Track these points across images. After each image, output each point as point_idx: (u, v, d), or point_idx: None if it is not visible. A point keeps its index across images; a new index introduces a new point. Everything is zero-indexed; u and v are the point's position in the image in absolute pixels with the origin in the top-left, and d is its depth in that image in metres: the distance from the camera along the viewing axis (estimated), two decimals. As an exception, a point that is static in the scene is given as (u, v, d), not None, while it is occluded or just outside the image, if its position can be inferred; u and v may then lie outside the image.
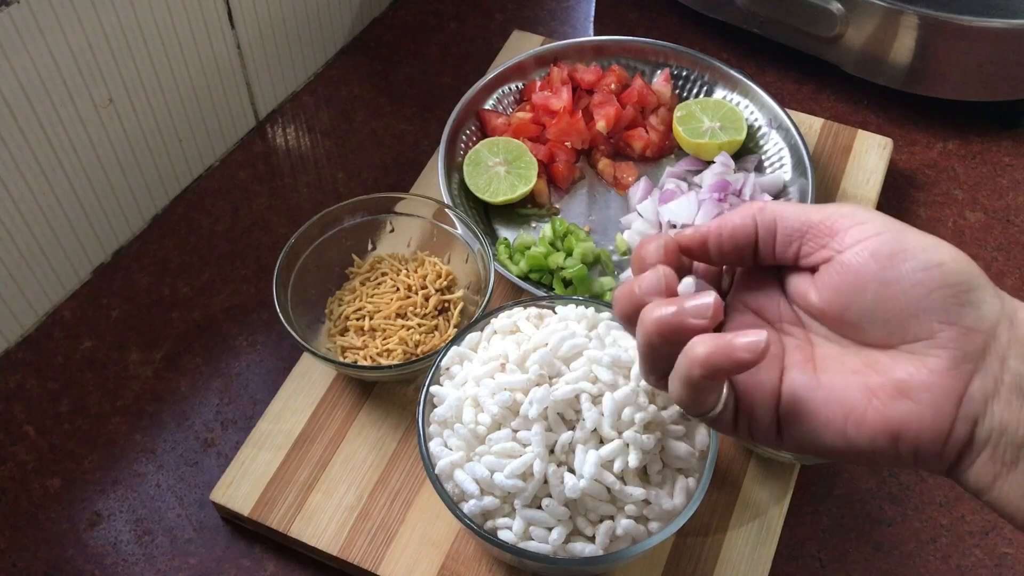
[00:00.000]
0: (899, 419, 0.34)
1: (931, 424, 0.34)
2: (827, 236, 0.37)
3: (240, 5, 0.74)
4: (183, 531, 0.60)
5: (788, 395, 0.37)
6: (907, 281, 0.35)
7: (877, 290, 0.35)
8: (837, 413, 0.35)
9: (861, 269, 0.36)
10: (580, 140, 0.77)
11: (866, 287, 0.36)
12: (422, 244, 0.69)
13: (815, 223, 0.37)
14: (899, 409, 0.35)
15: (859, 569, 0.60)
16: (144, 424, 0.65)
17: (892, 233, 0.36)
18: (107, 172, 0.69)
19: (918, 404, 0.34)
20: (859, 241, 0.36)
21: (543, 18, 0.94)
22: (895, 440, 0.35)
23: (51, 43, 0.60)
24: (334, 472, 0.61)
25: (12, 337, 0.68)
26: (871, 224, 0.36)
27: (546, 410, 0.50)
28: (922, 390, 0.34)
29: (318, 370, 0.65)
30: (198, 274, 0.73)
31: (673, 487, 0.51)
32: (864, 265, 0.36)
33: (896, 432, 0.34)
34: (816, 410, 0.36)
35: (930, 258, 0.35)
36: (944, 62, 0.78)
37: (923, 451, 0.35)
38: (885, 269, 0.35)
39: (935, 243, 0.36)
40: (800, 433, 0.36)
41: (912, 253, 0.35)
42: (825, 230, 0.37)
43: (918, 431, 0.34)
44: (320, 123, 0.84)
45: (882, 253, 0.36)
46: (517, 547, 0.50)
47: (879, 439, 0.35)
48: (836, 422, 0.35)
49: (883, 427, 0.35)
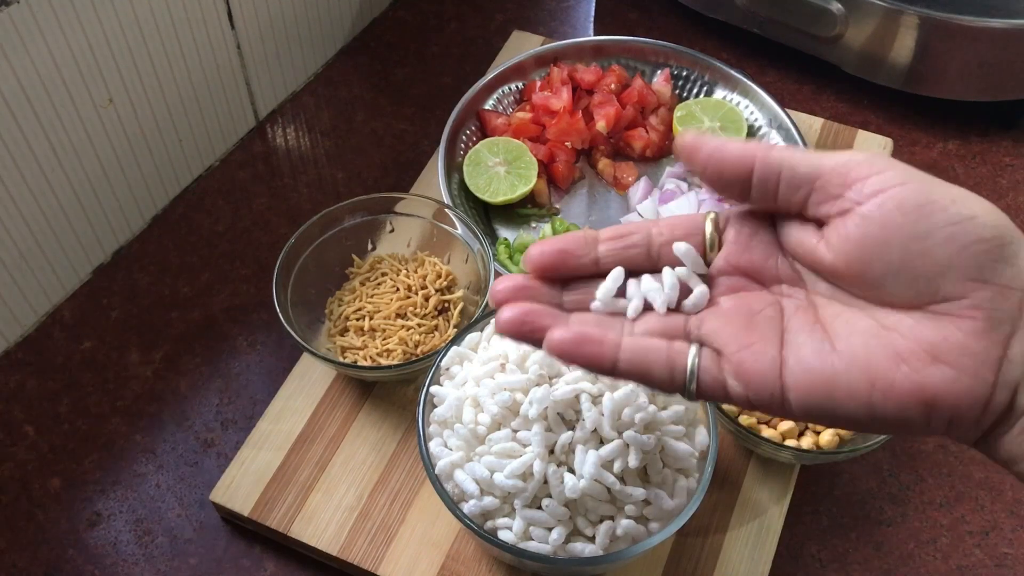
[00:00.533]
0: (934, 386, 0.32)
1: (970, 391, 0.32)
2: (841, 186, 0.34)
3: (240, 5, 0.74)
4: (183, 531, 0.60)
5: (796, 363, 0.34)
6: (937, 236, 0.32)
7: (904, 246, 0.32)
8: (861, 381, 0.33)
9: (886, 222, 0.33)
10: (580, 140, 0.77)
11: (891, 242, 0.33)
12: (422, 244, 0.69)
13: (828, 170, 0.34)
14: (933, 375, 0.32)
15: (859, 569, 0.60)
16: (144, 424, 0.65)
17: (918, 183, 0.33)
18: (107, 172, 0.69)
19: (955, 369, 0.32)
20: (880, 191, 0.33)
21: (543, 18, 0.94)
22: (928, 409, 0.32)
23: (51, 43, 0.60)
24: (334, 472, 0.61)
25: (12, 337, 0.68)
26: (892, 173, 0.33)
27: (546, 410, 0.50)
28: (959, 354, 0.32)
29: (318, 370, 0.65)
30: (198, 274, 0.73)
31: (673, 487, 0.51)
32: (889, 218, 0.32)
33: (930, 400, 0.32)
34: (835, 378, 0.33)
35: (960, 211, 0.32)
36: (944, 62, 0.78)
37: (959, 420, 0.32)
38: (913, 222, 0.32)
39: (964, 194, 0.33)
40: (813, 402, 0.33)
41: (941, 205, 0.32)
42: (839, 179, 0.34)
43: (956, 399, 0.32)
44: (320, 123, 0.84)
45: (908, 205, 0.32)
46: (517, 547, 0.50)
47: (910, 408, 0.32)
48: (860, 391, 0.33)
49: (915, 395, 0.32)
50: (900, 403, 0.32)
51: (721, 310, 0.36)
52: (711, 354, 0.36)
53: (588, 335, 0.35)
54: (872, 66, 0.81)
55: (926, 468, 0.64)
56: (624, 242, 0.38)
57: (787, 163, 0.35)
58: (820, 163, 0.34)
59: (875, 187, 0.33)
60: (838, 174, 0.34)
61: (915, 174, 0.33)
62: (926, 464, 0.64)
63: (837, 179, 0.34)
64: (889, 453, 0.64)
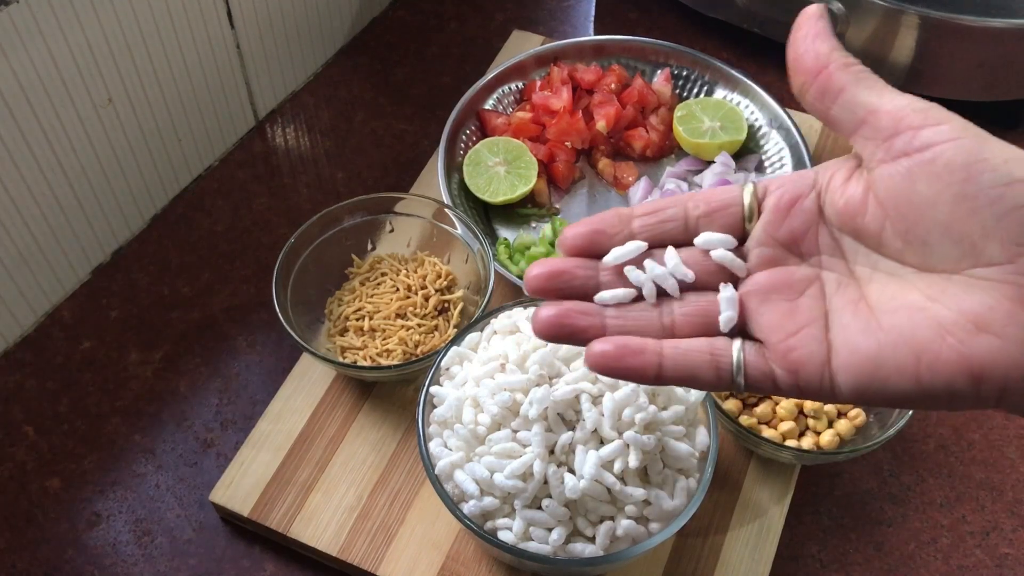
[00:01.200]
0: (981, 357, 0.31)
1: (1017, 361, 0.31)
2: (893, 130, 0.33)
3: (240, 5, 0.74)
4: (183, 532, 0.60)
5: (843, 345, 0.33)
6: (984, 198, 0.31)
7: (951, 205, 0.31)
8: (908, 357, 0.32)
9: (934, 179, 0.32)
10: (580, 140, 0.77)
11: (938, 201, 0.32)
12: (422, 244, 0.69)
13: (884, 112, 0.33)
14: (980, 346, 0.31)
15: (859, 569, 0.60)
16: (143, 424, 0.65)
17: (970, 139, 0.32)
18: (106, 172, 0.69)
19: (1003, 339, 0.31)
20: (931, 145, 0.32)
21: (543, 18, 0.94)
22: (977, 381, 0.31)
23: (50, 43, 0.60)
24: (334, 472, 0.61)
25: (11, 337, 0.68)
26: (948, 127, 0.32)
27: (546, 410, 0.50)
28: (1004, 323, 0.31)
29: (318, 370, 0.65)
30: (198, 274, 0.73)
31: (673, 487, 0.51)
32: (938, 175, 0.32)
33: (978, 372, 0.31)
34: (881, 356, 0.32)
35: (1012, 171, 0.31)
36: (944, 62, 0.78)
37: (1010, 390, 0.31)
38: (961, 181, 0.31)
39: (1018, 155, 0.31)
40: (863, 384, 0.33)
41: (992, 164, 0.31)
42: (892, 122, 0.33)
43: (1006, 369, 0.31)
44: (320, 123, 0.84)
45: (958, 162, 0.31)
46: (517, 548, 0.50)
47: (958, 381, 0.31)
48: (908, 367, 0.32)
49: (963, 367, 0.31)
50: (948, 377, 0.31)
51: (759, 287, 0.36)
52: (755, 346, 0.35)
53: (629, 347, 0.35)
54: (872, 66, 0.80)
55: (926, 468, 0.64)
56: (659, 216, 0.37)
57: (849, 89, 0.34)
58: (880, 101, 0.34)
59: (926, 140, 0.32)
60: (892, 117, 0.33)
61: (970, 130, 0.32)
62: (926, 464, 0.64)
63: (890, 122, 0.33)
64: (889, 453, 0.64)
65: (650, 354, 0.35)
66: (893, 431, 0.57)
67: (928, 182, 0.32)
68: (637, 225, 0.37)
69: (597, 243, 0.37)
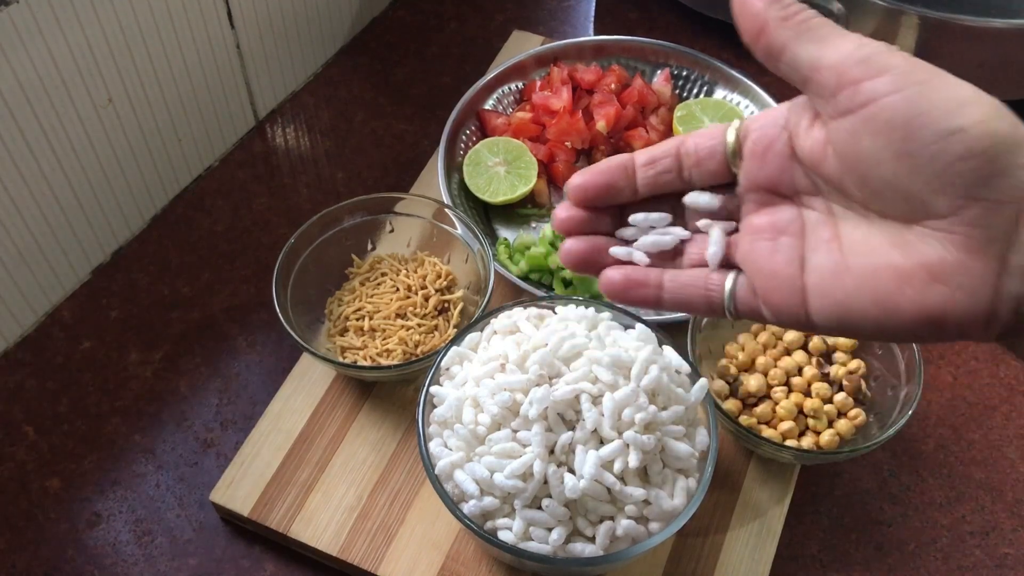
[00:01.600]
0: (936, 306, 0.32)
1: (970, 308, 0.32)
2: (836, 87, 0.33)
3: (240, 5, 0.74)
4: (182, 531, 0.60)
5: (815, 286, 0.35)
6: (924, 153, 0.31)
7: (894, 163, 0.32)
8: (870, 302, 0.33)
9: (875, 136, 0.32)
10: (580, 140, 0.77)
11: (882, 158, 0.32)
12: (422, 244, 0.69)
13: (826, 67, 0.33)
14: (934, 296, 0.32)
15: (859, 569, 0.60)
16: (143, 424, 0.65)
17: (913, 90, 0.31)
18: (106, 172, 0.69)
19: (952, 288, 0.32)
20: (871, 100, 0.32)
21: (543, 18, 0.94)
22: (936, 326, 0.33)
23: (51, 43, 0.60)
24: (334, 472, 0.61)
25: (12, 337, 0.68)
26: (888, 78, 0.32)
27: (546, 410, 0.50)
28: (954, 273, 0.32)
29: (318, 370, 0.65)
30: (198, 274, 0.73)
31: (673, 487, 0.51)
32: (879, 132, 0.32)
33: (936, 319, 0.32)
34: (848, 301, 0.34)
35: (949, 124, 0.31)
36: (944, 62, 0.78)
37: (967, 332, 0.33)
38: (902, 139, 0.31)
39: (959, 102, 0.31)
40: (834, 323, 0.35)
41: (931, 118, 0.31)
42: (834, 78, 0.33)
43: (959, 316, 0.32)
44: (320, 123, 0.84)
45: (898, 118, 0.31)
46: (517, 548, 0.50)
47: (919, 326, 0.33)
48: (872, 314, 0.33)
49: (921, 316, 0.32)
50: (909, 323, 0.33)
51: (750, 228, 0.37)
52: (747, 281, 0.37)
53: (633, 278, 0.39)
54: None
55: (926, 468, 0.64)
56: (657, 168, 0.39)
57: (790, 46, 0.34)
58: (821, 55, 0.33)
59: (867, 95, 0.32)
60: (835, 72, 0.33)
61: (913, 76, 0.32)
62: (926, 464, 0.64)
63: (832, 77, 0.33)
64: (889, 453, 0.64)
65: (652, 287, 0.39)
66: (893, 431, 0.57)
67: (871, 139, 0.32)
68: (640, 178, 0.39)
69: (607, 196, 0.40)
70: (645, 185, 0.39)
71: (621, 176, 0.39)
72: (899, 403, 0.59)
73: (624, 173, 0.39)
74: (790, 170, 0.36)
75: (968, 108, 0.31)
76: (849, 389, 0.61)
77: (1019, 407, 0.67)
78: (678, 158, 0.39)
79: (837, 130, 0.33)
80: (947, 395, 0.67)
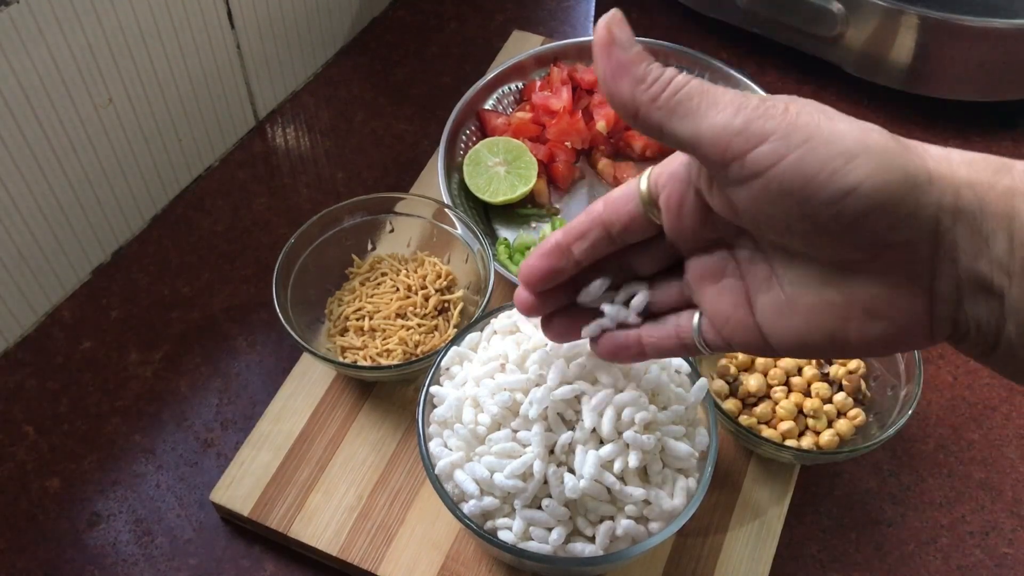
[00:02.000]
0: (879, 338, 0.34)
1: (911, 334, 0.34)
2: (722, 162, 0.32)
3: (240, 5, 0.74)
4: (183, 531, 0.60)
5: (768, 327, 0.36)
6: (824, 216, 0.31)
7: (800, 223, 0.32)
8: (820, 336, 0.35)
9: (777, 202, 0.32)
10: (580, 140, 0.77)
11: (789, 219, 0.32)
12: (422, 244, 0.69)
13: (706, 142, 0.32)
14: (875, 330, 0.34)
15: (859, 569, 0.60)
16: (144, 424, 0.65)
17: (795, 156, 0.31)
18: (106, 172, 0.69)
19: (889, 321, 0.34)
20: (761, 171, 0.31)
21: (543, 18, 0.94)
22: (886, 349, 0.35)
23: (51, 43, 0.60)
24: (334, 472, 0.61)
25: (12, 337, 0.68)
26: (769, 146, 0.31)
27: (546, 410, 0.50)
28: (889, 309, 0.33)
29: (318, 370, 0.65)
30: (198, 274, 0.73)
31: (673, 487, 0.51)
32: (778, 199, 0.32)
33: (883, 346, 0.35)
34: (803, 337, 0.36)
35: (841, 186, 0.30)
36: (944, 62, 0.78)
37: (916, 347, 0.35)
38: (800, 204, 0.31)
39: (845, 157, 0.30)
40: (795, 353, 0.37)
41: (821, 182, 0.31)
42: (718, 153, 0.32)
43: (904, 342, 0.34)
44: (320, 123, 0.84)
45: (792, 187, 0.31)
46: (517, 547, 0.49)
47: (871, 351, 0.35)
48: (824, 343, 0.35)
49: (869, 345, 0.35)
50: (859, 350, 0.35)
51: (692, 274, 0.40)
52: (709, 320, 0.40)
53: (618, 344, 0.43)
54: (872, 66, 0.81)
55: (926, 468, 0.64)
56: (588, 240, 0.41)
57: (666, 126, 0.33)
58: (698, 130, 0.32)
59: (755, 167, 0.31)
60: (716, 147, 0.32)
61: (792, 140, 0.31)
62: (926, 464, 0.64)
63: (715, 152, 0.32)
64: (889, 453, 0.64)
65: (633, 347, 0.43)
66: (893, 431, 0.57)
67: (772, 205, 0.32)
68: (577, 252, 0.41)
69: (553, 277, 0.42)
70: (584, 257, 0.41)
71: (560, 258, 0.41)
72: (899, 403, 0.59)
73: (561, 254, 0.41)
74: (709, 221, 0.37)
75: (856, 162, 0.30)
76: (849, 389, 0.61)
77: (1019, 407, 0.67)
78: (603, 227, 0.40)
79: (737, 196, 0.33)
80: (947, 395, 0.67)
